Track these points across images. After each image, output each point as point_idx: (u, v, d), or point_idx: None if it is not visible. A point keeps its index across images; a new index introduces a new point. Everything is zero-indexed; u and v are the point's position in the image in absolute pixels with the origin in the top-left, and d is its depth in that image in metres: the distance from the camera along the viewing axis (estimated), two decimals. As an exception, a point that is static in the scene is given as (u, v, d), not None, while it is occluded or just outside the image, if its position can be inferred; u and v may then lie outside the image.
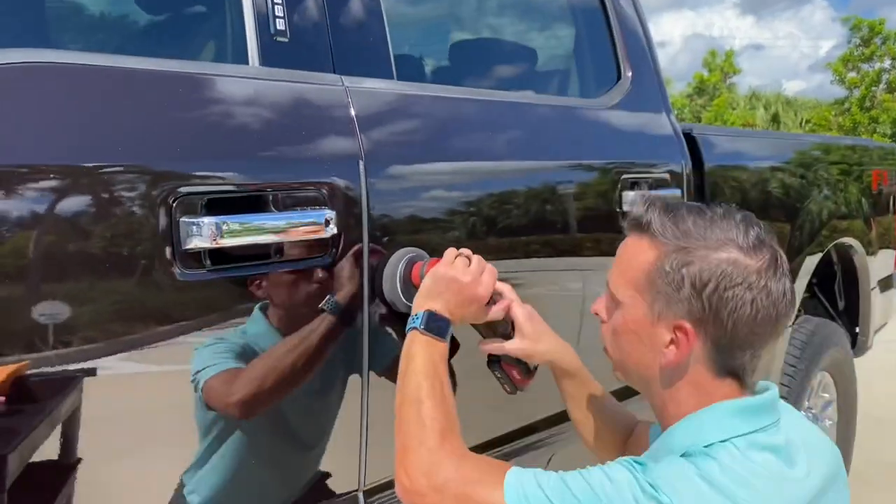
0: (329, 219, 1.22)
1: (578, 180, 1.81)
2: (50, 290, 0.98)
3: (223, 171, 1.15)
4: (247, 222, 1.13)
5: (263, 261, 1.18)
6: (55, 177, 0.98)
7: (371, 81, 1.43)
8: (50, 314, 0.97)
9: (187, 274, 1.09)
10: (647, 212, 1.09)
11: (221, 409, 1.16)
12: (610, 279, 1.16)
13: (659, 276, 1.06)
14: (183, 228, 1.08)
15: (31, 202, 0.96)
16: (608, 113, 1.98)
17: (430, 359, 1.18)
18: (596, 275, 1.84)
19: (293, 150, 1.25)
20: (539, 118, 1.80)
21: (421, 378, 1.16)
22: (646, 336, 1.09)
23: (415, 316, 1.23)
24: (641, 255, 1.09)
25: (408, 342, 1.21)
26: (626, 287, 1.11)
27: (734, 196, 2.36)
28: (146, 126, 1.10)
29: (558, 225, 1.73)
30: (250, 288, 1.17)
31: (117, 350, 1.03)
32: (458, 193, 1.53)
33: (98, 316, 1.02)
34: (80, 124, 1.03)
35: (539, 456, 1.80)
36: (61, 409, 1.00)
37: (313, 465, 1.34)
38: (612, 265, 1.15)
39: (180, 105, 1.15)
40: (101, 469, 1.06)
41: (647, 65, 2.14)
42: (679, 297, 1.04)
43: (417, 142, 1.49)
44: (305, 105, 1.31)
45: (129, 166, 1.05)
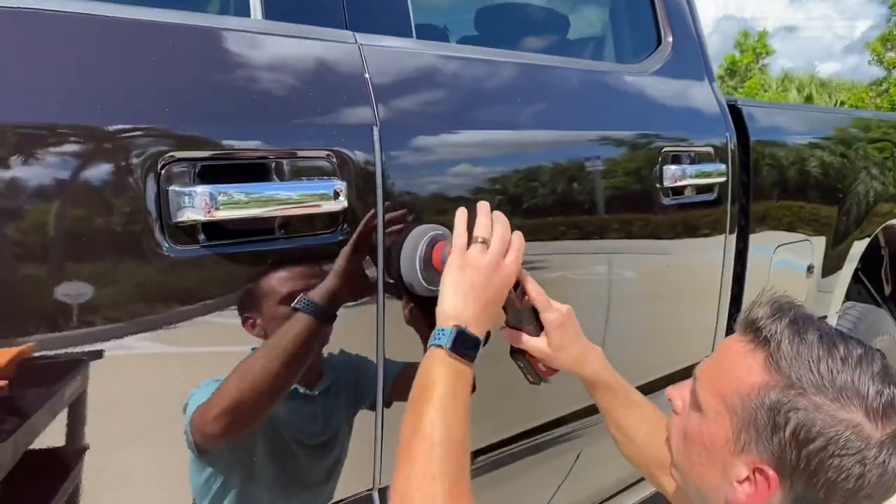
0: (339, 190, 1.09)
1: (616, 153, 1.66)
2: (14, 266, 0.86)
3: (219, 135, 1.02)
4: (245, 192, 1.00)
5: (263, 237, 1.06)
6: (21, 137, 0.85)
7: (388, 40, 1.29)
8: (11, 293, 0.85)
9: (177, 250, 0.97)
10: (773, 321, 0.92)
11: (220, 409, 1.04)
12: (700, 373, 0.99)
13: (759, 407, 0.89)
14: (172, 198, 0.96)
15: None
16: (647, 80, 1.82)
17: (452, 388, 1.02)
18: (633, 258, 1.71)
19: (299, 114, 1.12)
20: (573, 84, 1.65)
21: (437, 412, 0.99)
22: (719, 460, 0.94)
23: (441, 331, 1.06)
24: (746, 370, 0.92)
25: (429, 361, 1.05)
26: (714, 396, 0.95)
27: (780, 175, 2.20)
28: (133, 82, 0.96)
29: (592, 202, 1.59)
30: (248, 267, 1.04)
31: (93, 335, 0.91)
32: (483, 167, 1.39)
33: (71, 296, 0.90)
34: (54, 77, 0.90)
35: (564, 453, 1.67)
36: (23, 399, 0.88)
37: (326, 463, 1.22)
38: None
39: (172, 60, 1.01)
40: (102, 458, 0.95)
41: (689, 29, 1.98)
42: (773, 439, 0.88)
43: (439, 108, 1.35)
44: (313, 64, 1.17)
45: (111, 127, 0.92)
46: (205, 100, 1.03)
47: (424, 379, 1.03)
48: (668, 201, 1.76)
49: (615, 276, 1.71)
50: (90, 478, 0.94)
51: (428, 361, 1.05)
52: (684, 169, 1.76)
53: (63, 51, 0.92)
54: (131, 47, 0.98)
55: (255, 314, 1.06)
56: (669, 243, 1.80)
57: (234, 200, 0.99)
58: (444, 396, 1.00)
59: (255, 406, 1.09)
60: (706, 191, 1.89)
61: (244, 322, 1.05)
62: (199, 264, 1.00)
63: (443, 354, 1.04)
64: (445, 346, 1.04)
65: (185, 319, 0.99)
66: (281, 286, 1.08)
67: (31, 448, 0.88)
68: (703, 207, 1.89)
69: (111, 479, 0.96)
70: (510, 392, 1.44)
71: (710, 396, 0.95)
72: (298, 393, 1.15)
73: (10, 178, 0.84)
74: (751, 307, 0.97)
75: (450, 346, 1.04)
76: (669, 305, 1.90)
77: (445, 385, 1.01)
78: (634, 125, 1.71)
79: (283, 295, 1.08)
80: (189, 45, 1.04)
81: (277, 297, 1.07)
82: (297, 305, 1.09)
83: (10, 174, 0.84)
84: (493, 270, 1.10)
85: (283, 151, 1.08)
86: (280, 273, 1.08)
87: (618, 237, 1.67)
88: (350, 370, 1.21)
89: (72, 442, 0.92)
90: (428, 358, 1.05)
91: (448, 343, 1.04)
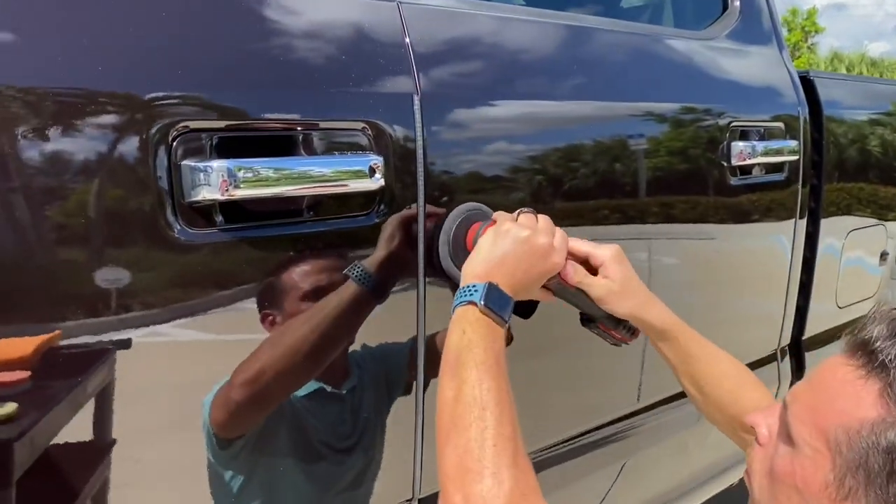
0: (375, 166, 0.96)
1: (679, 127, 1.50)
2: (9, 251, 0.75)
3: (239, 104, 0.89)
4: (268, 168, 0.88)
5: (287, 219, 0.93)
6: (16, 104, 0.74)
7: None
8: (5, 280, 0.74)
9: (191, 233, 0.85)
10: (892, 343, 0.77)
11: (238, 410, 0.93)
12: (794, 399, 0.84)
13: (872, 447, 0.74)
14: (186, 175, 0.84)
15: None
16: (713, 48, 1.66)
17: (492, 347, 0.91)
18: (694, 242, 1.55)
19: (330, 81, 0.99)
20: (633, 52, 1.50)
21: (482, 373, 0.88)
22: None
23: (469, 287, 0.95)
24: (855, 402, 0.77)
25: (461, 321, 0.93)
26: (812, 431, 0.79)
27: (854, 153, 2.02)
28: (140, 43, 0.84)
29: (653, 181, 1.44)
30: (269, 254, 0.92)
31: (93, 325, 0.79)
32: (533, 142, 1.25)
33: (72, 284, 0.79)
34: (51, 37, 0.77)
35: (608, 463, 1.53)
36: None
37: (362, 470, 1.10)
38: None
39: (187, 19, 0.89)
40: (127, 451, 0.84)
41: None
42: (889, 488, 0.73)
43: (487, 76, 1.21)
44: (347, 25, 1.04)
45: (116, 93, 0.80)
46: (222, 64, 0.90)
47: (458, 339, 0.92)
48: (736, 181, 1.60)
49: (675, 261, 1.56)
50: (108, 472, 0.84)
51: (459, 321, 0.93)
52: (754, 146, 1.60)
53: (67, 7, 0.80)
54: (143, 4, 0.85)
55: (274, 309, 0.94)
56: (735, 227, 1.65)
57: (256, 177, 0.87)
58: (486, 353, 0.90)
59: (286, 376, 0.98)
60: (776, 170, 1.72)
61: (262, 319, 0.93)
62: (214, 250, 0.88)
63: (475, 311, 0.93)
64: (479, 302, 0.93)
65: (197, 312, 0.87)
66: (306, 278, 0.95)
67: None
68: (771, 188, 1.73)
69: (129, 474, 0.86)
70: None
71: (807, 429, 0.80)
72: (324, 392, 1.03)
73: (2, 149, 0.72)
74: (862, 324, 0.80)
75: (483, 303, 0.93)
76: (732, 294, 1.74)
77: (485, 345, 0.91)
78: (699, 97, 1.55)
79: (308, 289, 0.95)
80: (208, 1, 0.92)
81: (301, 290, 0.95)
82: (349, 273, 0.99)
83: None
84: (544, 240, 0.99)
85: (310, 122, 0.95)
86: (305, 262, 0.95)
87: (680, 220, 1.52)
88: (377, 362, 1.08)
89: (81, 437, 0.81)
90: (458, 318, 0.94)
91: (481, 298, 0.93)
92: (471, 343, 0.90)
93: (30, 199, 0.75)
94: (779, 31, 1.83)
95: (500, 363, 0.91)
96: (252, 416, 0.96)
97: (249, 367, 0.92)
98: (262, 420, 0.97)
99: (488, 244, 0.99)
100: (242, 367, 0.92)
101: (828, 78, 1.98)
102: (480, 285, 0.94)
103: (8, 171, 0.73)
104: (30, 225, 0.76)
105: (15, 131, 0.73)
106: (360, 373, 1.06)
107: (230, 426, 0.93)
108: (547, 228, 1.01)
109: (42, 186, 0.76)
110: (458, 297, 0.96)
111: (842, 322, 2.17)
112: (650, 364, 1.53)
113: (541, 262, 0.99)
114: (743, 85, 1.71)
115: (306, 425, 1.02)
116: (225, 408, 0.91)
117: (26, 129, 0.74)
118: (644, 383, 1.54)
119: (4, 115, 0.73)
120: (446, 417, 0.87)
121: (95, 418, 0.82)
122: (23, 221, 0.75)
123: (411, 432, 1.13)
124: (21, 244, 0.76)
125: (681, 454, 1.76)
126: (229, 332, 0.91)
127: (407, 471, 1.13)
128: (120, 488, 0.85)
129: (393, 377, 1.11)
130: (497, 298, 0.94)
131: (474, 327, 0.92)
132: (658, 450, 1.66)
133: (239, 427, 0.94)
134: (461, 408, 0.86)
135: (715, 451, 1.79)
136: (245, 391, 0.92)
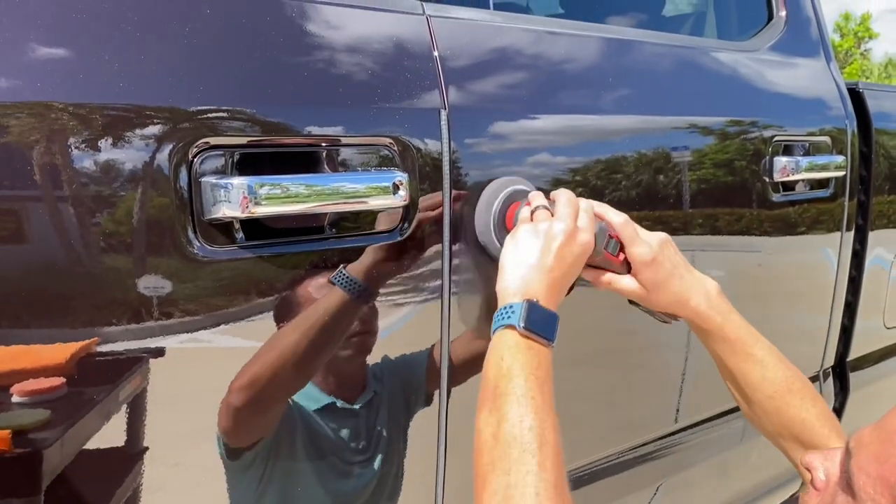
0: (399, 183, 0.94)
1: (719, 141, 1.45)
2: (17, 266, 0.74)
3: (261, 119, 0.88)
4: (289, 185, 0.87)
5: (311, 236, 0.92)
6: (29, 116, 0.73)
7: (460, 10, 1.13)
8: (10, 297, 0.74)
9: (210, 251, 0.84)
10: None
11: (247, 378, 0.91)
12: (858, 447, 0.77)
13: None
14: (206, 191, 0.83)
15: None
16: (757, 59, 1.60)
17: (535, 375, 0.83)
18: (735, 258, 1.51)
19: (355, 95, 0.97)
20: (673, 64, 1.45)
21: (524, 408, 0.80)
22: None
23: (506, 309, 0.88)
24: None
25: (499, 347, 0.86)
26: (877, 485, 0.73)
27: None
28: (161, 55, 0.83)
29: (692, 197, 1.39)
30: (289, 272, 0.91)
31: (108, 342, 0.79)
32: (565, 157, 1.22)
33: (84, 301, 0.78)
34: (67, 47, 0.77)
35: (643, 485, 1.49)
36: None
37: (380, 487, 1.08)
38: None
39: (209, 33, 0.87)
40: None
41: (805, 2, 1.74)
42: None
43: (517, 91, 1.18)
44: (374, 37, 1.02)
45: (136, 106, 0.79)
46: (246, 77, 0.89)
47: (496, 369, 0.85)
48: (778, 197, 1.55)
49: (715, 275, 1.51)
50: (137, 480, 0.84)
51: (497, 348, 0.87)
52: (798, 161, 1.55)
53: (82, 15, 0.79)
54: (162, 15, 0.84)
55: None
56: (777, 243, 1.59)
57: (277, 194, 0.85)
58: (527, 386, 0.82)
59: (281, 381, 0.95)
60: (821, 186, 1.66)
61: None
62: (233, 268, 0.86)
63: (515, 336, 0.86)
64: (517, 325, 0.86)
65: (214, 330, 0.86)
66: (328, 297, 0.94)
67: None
68: (816, 204, 1.67)
69: (156, 481, 0.85)
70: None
71: (871, 482, 0.74)
72: (336, 407, 1.01)
73: (12, 163, 0.72)
74: None
75: (523, 325, 0.86)
76: (774, 311, 1.68)
77: (526, 373, 0.83)
78: (742, 110, 1.50)
79: (329, 303, 0.94)
80: (225, 12, 0.91)
81: (323, 306, 0.94)
82: (334, 280, 0.95)
83: (10, 158, 0.72)
84: (566, 239, 0.93)
85: (333, 138, 0.93)
86: (326, 280, 0.94)
87: (720, 236, 1.47)
88: (394, 373, 1.05)
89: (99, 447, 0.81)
90: (496, 344, 0.87)
91: (520, 321, 0.86)
92: (510, 372, 0.84)
93: (47, 212, 0.75)
94: (826, 42, 1.77)
95: (544, 393, 0.83)
96: (254, 422, 0.93)
97: (245, 372, 0.90)
98: (265, 427, 0.95)
99: (511, 257, 0.93)
100: (240, 372, 0.89)
101: (878, 90, 1.90)
102: (518, 304, 0.88)
103: (25, 184, 0.73)
104: (48, 238, 0.75)
105: (32, 145, 0.73)
106: (376, 385, 1.04)
107: (235, 434, 0.91)
108: (565, 212, 0.96)
109: (60, 199, 0.75)
110: (496, 320, 0.89)
111: (889, 343, 2.09)
112: (690, 381, 1.49)
113: (569, 251, 0.93)
114: (788, 98, 1.66)
115: (321, 439, 1.01)
116: (227, 414, 0.89)
117: (43, 142, 0.73)
118: (683, 402, 1.50)
119: (21, 128, 0.72)
120: (485, 458, 0.80)
121: (116, 427, 0.82)
122: (40, 233, 0.75)
123: (433, 447, 1.10)
124: (40, 255, 0.75)
125: (721, 476, 1.70)
126: (252, 346, 0.90)
127: (429, 489, 1.11)
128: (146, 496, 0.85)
129: (412, 388, 1.08)
130: (539, 317, 0.87)
131: (513, 353, 0.85)
132: (698, 470, 1.61)
133: (244, 435, 0.92)
134: (500, 449, 0.79)
135: (757, 472, 1.73)
136: (241, 396, 0.89)
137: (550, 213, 0.97)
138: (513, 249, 0.94)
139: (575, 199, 0.99)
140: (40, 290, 0.75)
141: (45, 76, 0.74)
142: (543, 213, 0.96)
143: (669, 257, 1.03)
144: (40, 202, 0.74)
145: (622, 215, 1.04)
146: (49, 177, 0.74)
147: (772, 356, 1.06)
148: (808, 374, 1.82)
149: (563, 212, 0.96)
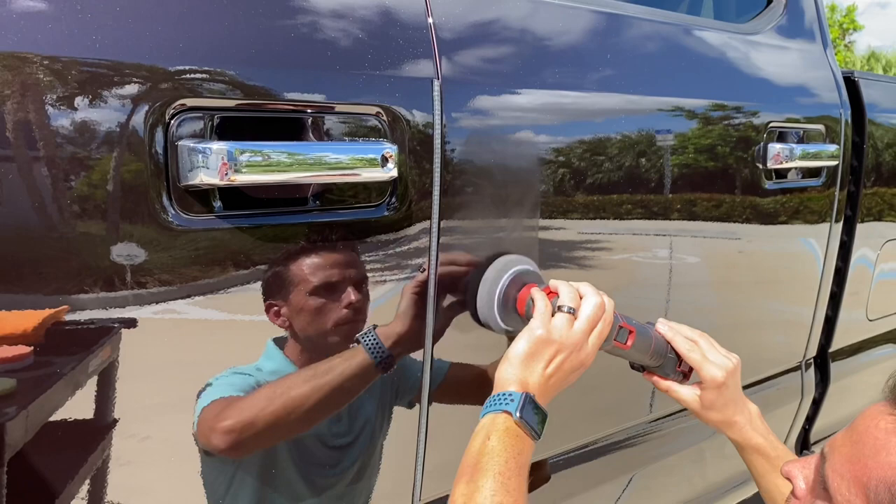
0: (388, 155, 0.90)
1: (713, 125, 1.42)
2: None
3: (243, 81, 0.83)
4: (271, 152, 0.82)
5: (293, 207, 0.88)
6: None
7: (456, -24, 1.08)
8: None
9: (186, 219, 0.79)
10: None
11: (233, 423, 0.88)
12: (832, 451, 0.79)
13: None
14: (183, 156, 0.78)
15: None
16: (755, 43, 1.57)
17: (515, 460, 0.88)
18: (722, 245, 1.48)
19: (343, 59, 0.92)
20: (670, 44, 1.41)
21: (498, 485, 0.85)
22: None
23: (505, 395, 0.93)
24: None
25: (490, 426, 0.91)
26: (851, 484, 0.74)
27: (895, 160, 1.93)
28: (139, 8, 0.77)
29: (681, 181, 1.36)
30: (269, 244, 0.87)
31: (66, 316, 0.74)
32: (560, 134, 1.18)
33: (53, 267, 0.73)
34: (41, 4, 0.72)
35: (615, 475, 1.47)
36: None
37: (351, 472, 1.05)
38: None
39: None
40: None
41: (806, -14, 1.71)
42: None
43: (514, 62, 1.14)
44: (367, 2, 0.97)
45: (111, 62, 0.74)
46: (228, 39, 0.84)
47: (481, 446, 0.90)
48: (771, 185, 1.52)
49: (698, 260, 1.49)
50: (105, 452, 0.80)
51: (486, 427, 0.92)
52: (792, 149, 1.52)
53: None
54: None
55: (278, 301, 0.88)
56: (766, 233, 1.57)
57: (258, 161, 0.81)
58: (506, 468, 0.87)
59: (274, 432, 0.93)
60: (813, 175, 1.64)
61: (266, 310, 0.88)
62: (211, 238, 0.82)
63: (508, 421, 0.91)
64: (514, 414, 0.91)
65: (189, 304, 0.81)
66: (311, 271, 0.90)
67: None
68: (807, 193, 1.64)
69: (125, 454, 0.81)
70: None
71: (845, 483, 0.75)
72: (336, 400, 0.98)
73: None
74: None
75: (518, 415, 0.91)
76: (758, 300, 1.67)
77: (508, 455, 0.88)
78: (737, 94, 1.47)
79: (314, 283, 0.90)
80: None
81: (307, 284, 0.90)
82: (360, 340, 0.96)
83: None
84: (574, 350, 0.97)
85: (320, 105, 0.89)
86: (308, 255, 0.90)
87: (708, 222, 1.44)
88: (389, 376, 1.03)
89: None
90: (486, 424, 0.92)
91: (517, 410, 0.91)
92: (493, 451, 0.88)
93: (15, 172, 0.70)
94: (824, 28, 1.74)
95: (520, 477, 0.88)
96: (233, 455, 0.92)
97: (235, 414, 0.88)
98: (251, 448, 0.93)
99: (520, 351, 0.96)
100: (226, 411, 0.87)
101: (873, 79, 1.88)
102: (518, 395, 0.92)
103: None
104: (14, 199, 0.70)
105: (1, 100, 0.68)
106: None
107: (214, 450, 0.89)
108: (582, 327, 0.97)
109: (30, 159, 0.70)
110: (492, 403, 0.93)
111: (870, 335, 2.09)
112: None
113: (570, 365, 0.97)
114: (784, 84, 1.63)
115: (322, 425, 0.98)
116: (209, 438, 0.87)
117: (12, 98, 0.68)
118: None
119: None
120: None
121: (85, 399, 0.78)
122: (5, 195, 0.70)
123: (413, 435, 1.07)
124: (6, 218, 0.70)
125: (698, 463, 1.70)
126: (222, 326, 0.85)
127: (407, 476, 1.08)
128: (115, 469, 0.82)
129: (403, 388, 1.06)
130: (533, 412, 0.92)
131: (501, 436, 0.90)
132: (674, 459, 1.60)
133: (222, 455, 0.90)
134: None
135: (731, 461, 1.72)
136: (229, 439, 0.88)
137: (574, 317, 0.98)
138: (524, 345, 0.96)
139: (599, 309, 1.00)
140: (7, 255, 0.71)
141: (13, 26, 0.69)
142: (563, 320, 0.97)
143: (737, 383, 1.09)
144: (8, 162, 0.69)
145: (691, 340, 1.09)
146: (18, 135, 0.69)
147: None
148: (790, 364, 1.81)
149: (580, 327, 0.98)
